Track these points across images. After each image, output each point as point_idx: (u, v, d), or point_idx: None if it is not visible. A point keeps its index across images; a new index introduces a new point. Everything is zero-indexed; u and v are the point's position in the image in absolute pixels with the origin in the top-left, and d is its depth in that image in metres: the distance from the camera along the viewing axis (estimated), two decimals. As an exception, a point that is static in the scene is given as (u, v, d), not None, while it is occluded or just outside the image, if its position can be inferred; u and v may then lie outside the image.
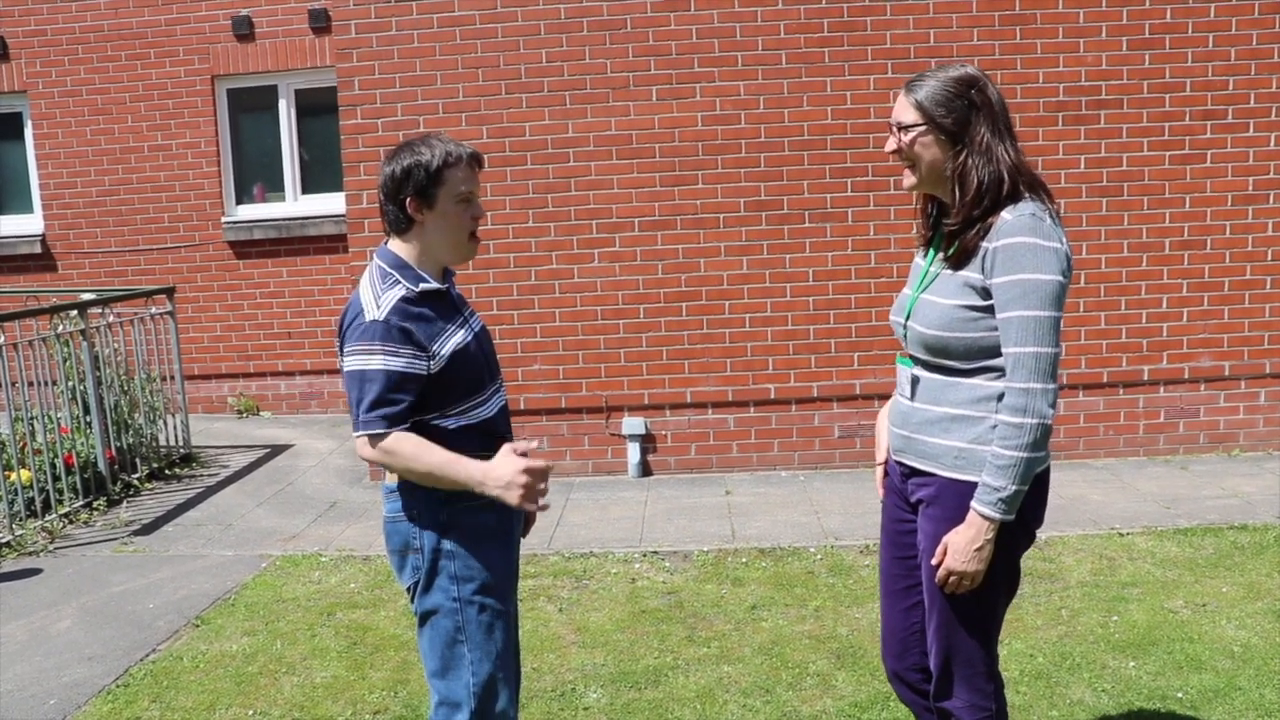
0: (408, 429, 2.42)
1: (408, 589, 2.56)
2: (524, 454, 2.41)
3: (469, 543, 2.49)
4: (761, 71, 6.34)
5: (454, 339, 2.48)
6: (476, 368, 2.53)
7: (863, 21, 6.27)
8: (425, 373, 2.42)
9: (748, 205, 6.45)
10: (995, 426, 2.30)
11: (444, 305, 2.53)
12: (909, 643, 2.63)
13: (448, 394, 2.48)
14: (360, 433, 2.41)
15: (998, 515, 2.28)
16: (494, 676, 2.53)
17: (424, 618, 2.54)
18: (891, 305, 2.64)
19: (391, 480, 2.53)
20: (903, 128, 2.38)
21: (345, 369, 2.44)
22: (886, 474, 2.68)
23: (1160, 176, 6.37)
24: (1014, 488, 2.26)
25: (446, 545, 2.48)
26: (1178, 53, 6.26)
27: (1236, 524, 5.23)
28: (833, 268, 6.47)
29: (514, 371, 6.52)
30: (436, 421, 2.48)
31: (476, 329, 2.60)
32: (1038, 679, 3.74)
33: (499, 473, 2.39)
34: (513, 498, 2.38)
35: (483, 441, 2.54)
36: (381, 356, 2.38)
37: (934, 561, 2.39)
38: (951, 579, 2.35)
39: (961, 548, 2.32)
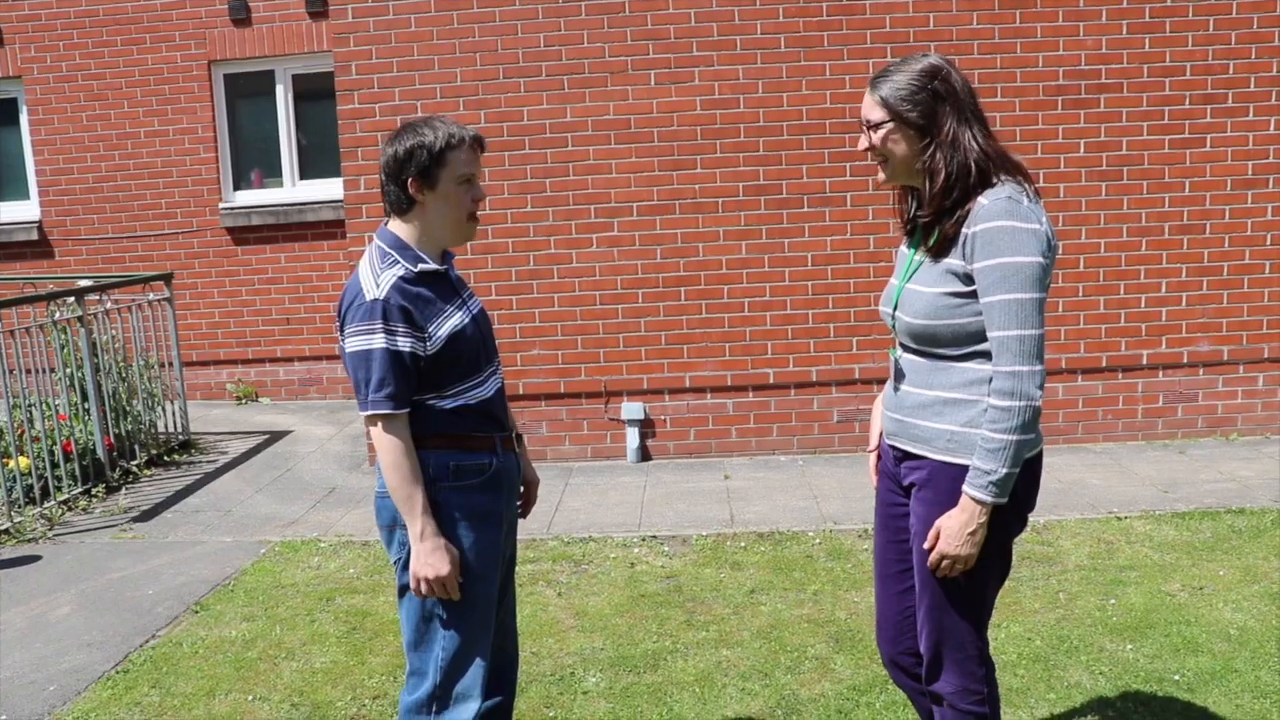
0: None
1: (394, 562, 2.59)
2: (451, 570, 2.45)
3: (453, 523, 2.51)
4: (760, 55, 6.32)
5: (451, 320, 2.49)
6: (473, 350, 2.54)
7: (861, 5, 6.24)
8: (423, 353, 2.44)
9: (746, 190, 6.43)
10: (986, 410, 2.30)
11: (442, 286, 2.54)
12: (904, 627, 2.63)
13: (444, 375, 2.49)
14: (369, 412, 2.43)
15: (990, 499, 2.28)
16: (463, 654, 2.56)
17: (403, 590, 2.57)
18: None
19: None
20: (871, 125, 2.39)
21: (347, 350, 2.45)
22: (880, 459, 2.68)
23: (1160, 161, 6.36)
24: (1004, 470, 2.26)
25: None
26: (1178, 36, 6.24)
27: (1234, 508, 5.24)
28: (831, 252, 6.46)
29: (513, 356, 6.52)
30: (433, 402, 2.50)
31: (474, 311, 2.61)
32: (1035, 662, 3.75)
33: (430, 557, 2.43)
34: (415, 572, 2.45)
35: (479, 423, 2.55)
36: (383, 335, 2.40)
37: (926, 545, 2.40)
38: (944, 563, 2.36)
39: (954, 531, 2.32)
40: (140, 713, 3.67)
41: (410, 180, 2.46)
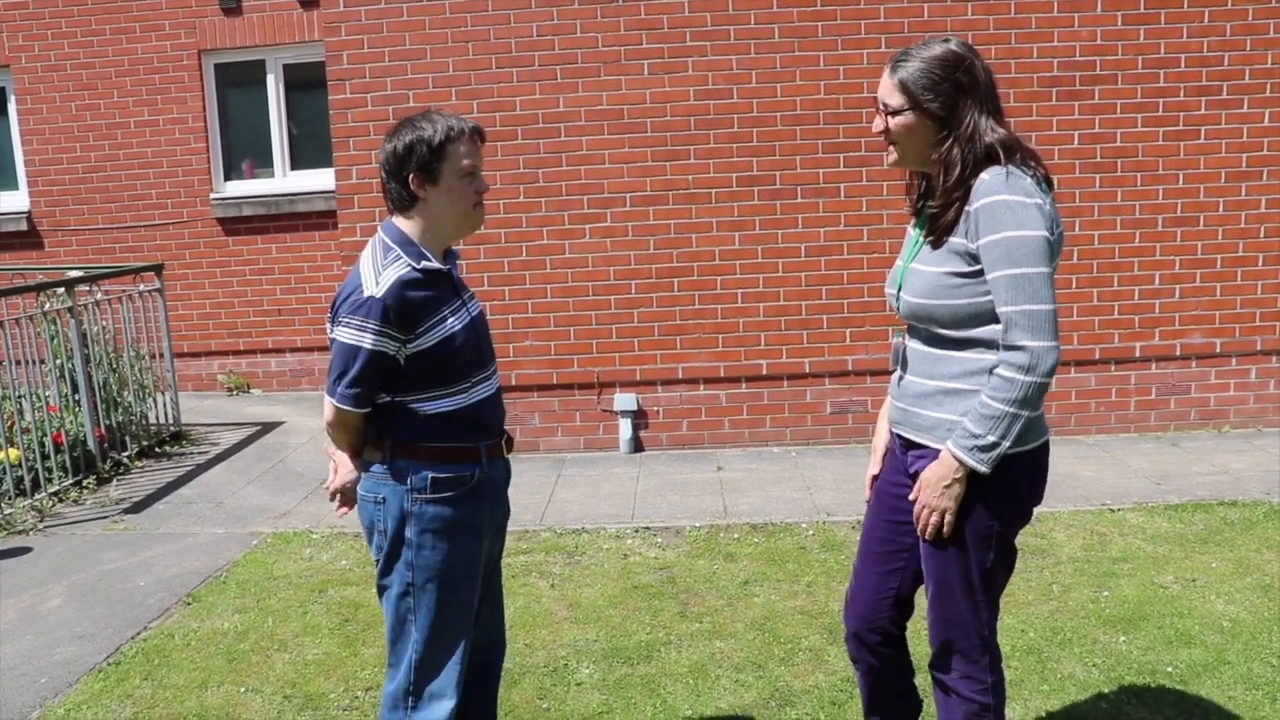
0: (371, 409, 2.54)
1: (375, 561, 2.61)
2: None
3: (429, 534, 2.51)
4: (754, 46, 6.30)
5: (447, 323, 2.47)
6: (467, 354, 2.51)
7: (856, -5, 6.22)
8: (403, 355, 2.43)
9: (740, 180, 6.42)
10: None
11: (444, 287, 2.51)
12: (880, 607, 2.64)
13: (433, 377, 2.47)
14: (335, 402, 2.48)
15: (971, 461, 2.27)
16: (434, 658, 2.58)
17: (381, 589, 2.61)
18: (885, 280, 2.64)
19: (372, 457, 2.55)
20: (889, 110, 2.37)
21: (337, 339, 2.44)
22: (887, 454, 2.68)
23: (1154, 152, 6.35)
24: (993, 439, 2.25)
25: (407, 533, 2.51)
26: (1173, 28, 6.23)
27: (1226, 500, 5.25)
28: (825, 243, 6.45)
29: (505, 348, 6.50)
30: (417, 405, 2.49)
31: (474, 314, 2.58)
32: (1029, 654, 3.75)
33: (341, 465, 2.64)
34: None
35: (465, 431, 2.53)
36: (373, 337, 2.38)
37: (911, 497, 2.42)
38: (924, 514, 2.37)
39: (931, 483, 2.34)
40: (132, 705, 3.65)
41: (412, 176, 2.43)
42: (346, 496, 2.63)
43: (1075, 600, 4.18)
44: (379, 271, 2.41)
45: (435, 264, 2.48)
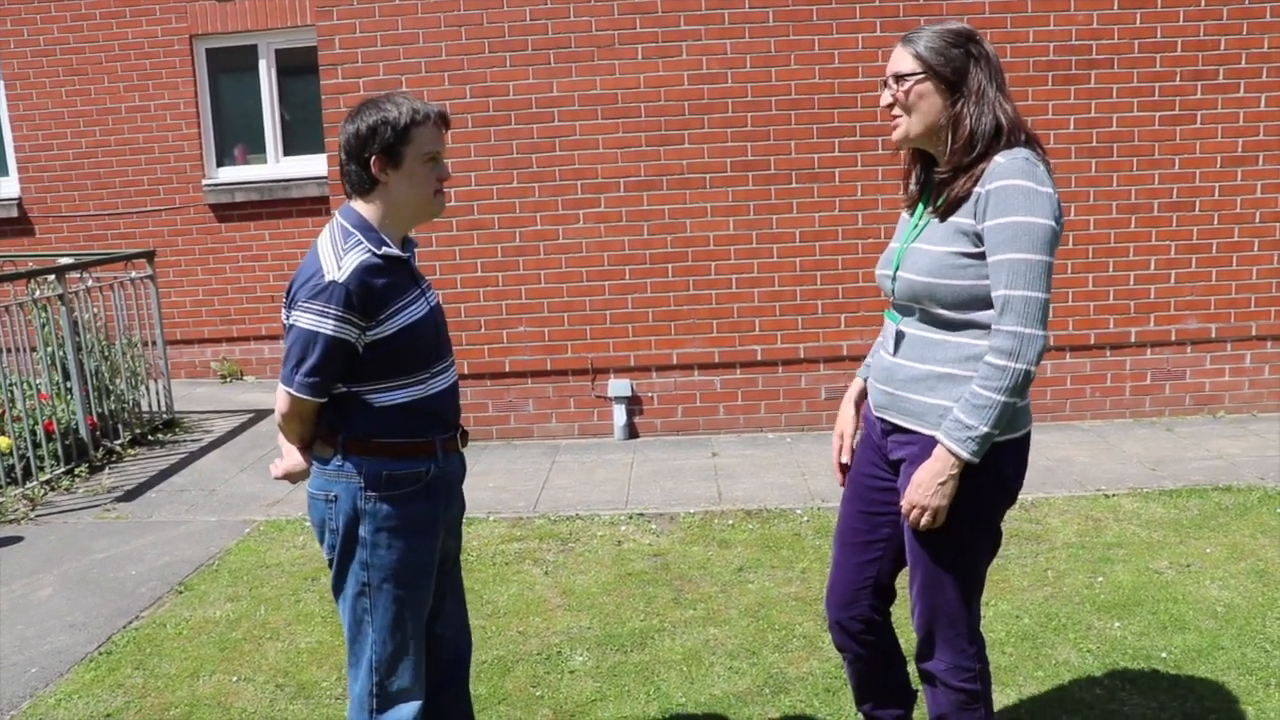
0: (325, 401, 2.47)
1: (328, 561, 2.54)
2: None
3: (384, 532, 2.45)
4: (748, 29, 6.26)
5: (408, 310, 2.41)
6: (428, 344, 2.46)
7: (851, -22, 6.18)
8: (361, 343, 2.36)
9: (734, 165, 6.38)
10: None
11: (403, 274, 2.44)
12: (859, 595, 2.66)
13: (392, 367, 2.41)
14: (292, 391, 2.39)
15: (965, 454, 2.26)
16: (395, 658, 2.53)
17: (336, 589, 2.54)
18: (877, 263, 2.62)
19: (324, 453, 2.48)
20: (900, 78, 2.36)
21: (296, 325, 2.35)
22: (863, 431, 2.67)
23: (1150, 137, 6.33)
24: (985, 429, 2.24)
25: (361, 532, 2.45)
26: (1169, 11, 6.20)
27: (1221, 485, 5.25)
28: (820, 228, 6.43)
29: (499, 334, 6.49)
30: (372, 397, 2.42)
31: (432, 303, 2.52)
32: (1023, 640, 3.75)
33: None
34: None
35: (421, 424, 2.47)
36: (334, 323, 2.30)
37: (903, 502, 2.39)
38: (914, 512, 2.35)
39: (925, 482, 2.31)
40: (123, 694, 3.64)
41: (373, 159, 2.35)
42: (295, 479, 2.58)
43: (1070, 586, 4.18)
44: (339, 256, 2.33)
45: (395, 250, 2.41)
